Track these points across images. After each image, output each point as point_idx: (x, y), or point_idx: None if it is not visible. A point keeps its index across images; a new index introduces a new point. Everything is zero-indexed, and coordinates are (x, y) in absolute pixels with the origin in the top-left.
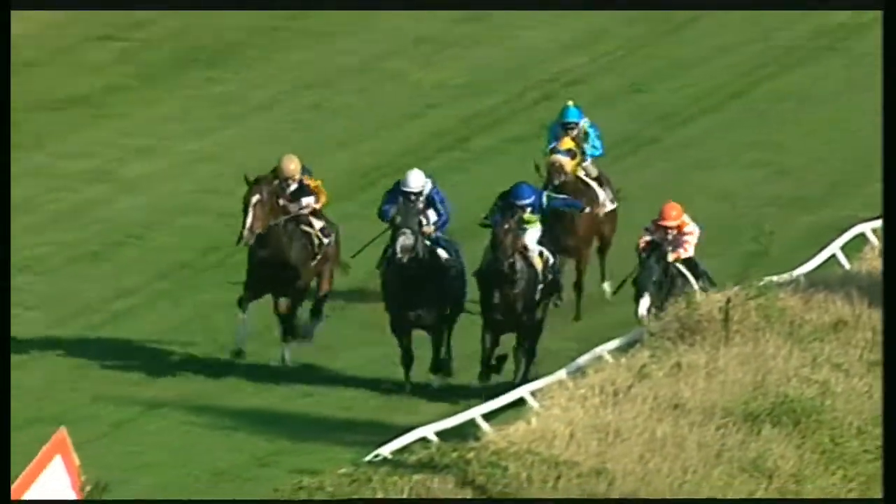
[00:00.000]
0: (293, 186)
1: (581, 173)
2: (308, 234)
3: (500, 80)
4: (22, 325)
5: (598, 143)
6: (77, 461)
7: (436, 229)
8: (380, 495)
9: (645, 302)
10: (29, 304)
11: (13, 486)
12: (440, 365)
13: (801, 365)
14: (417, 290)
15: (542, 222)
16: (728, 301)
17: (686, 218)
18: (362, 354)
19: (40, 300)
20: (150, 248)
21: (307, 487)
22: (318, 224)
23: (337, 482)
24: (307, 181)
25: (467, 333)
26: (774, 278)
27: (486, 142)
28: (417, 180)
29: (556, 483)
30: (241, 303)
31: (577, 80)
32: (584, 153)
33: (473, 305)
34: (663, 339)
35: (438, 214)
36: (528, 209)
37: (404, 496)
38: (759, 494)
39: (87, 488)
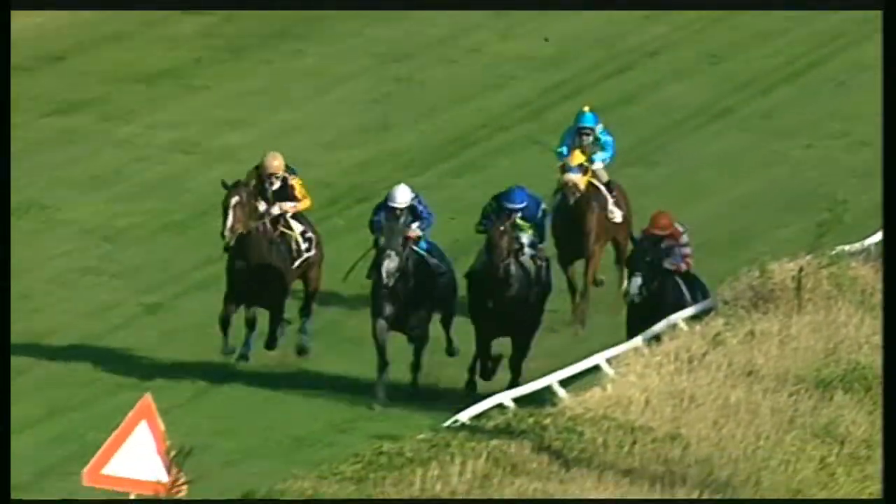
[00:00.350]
0: (276, 185)
1: (593, 179)
2: (287, 238)
3: (580, 50)
4: (108, 292)
5: (608, 151)
6: (162, 426)
7: (422, 232)
8: (458, 460)
9: (637, 280)
10: (115, 272)
11: (100, 451)
12: (417, 367)
13: (873, 333)
14: (406, 299)
15: (533, 229)
16: (801, 270)
17: (678, 226)
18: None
19: (127, 268)
20: None
21: (387, 452)
22: (298, 228)
23: (416, 447)
24: (292, 181)
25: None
26: (847, 247)
27: (564, 113)
28: (404, 196)
29: (632, 448)
30: (223, 323)
31: (657, 51)
32: (591, 160)
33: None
34: (737, 308)
35: (422, 219)
36: (520, 213)
37: (482, 461)
38: (830, 460)
39: (172, 453)
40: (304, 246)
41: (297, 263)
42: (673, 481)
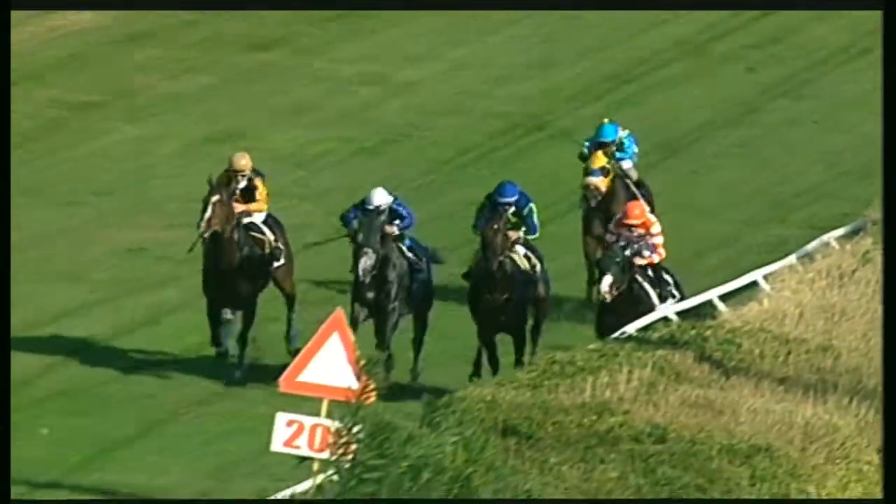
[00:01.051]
0: (242, 183)
1: (621, 176)
2: (260, 242)
3: None
4: (300, 215)
5: (631, 151)
6: (352, 337)
7: (400, 231)
8: (626, 368)
9: (607, 279)
10: (306, 195)
11: (295, 361)
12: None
13: None
14: (380, 283)
15: (522, 223)
16: None
17: (650, 216)
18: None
19: (317, 192)
20: (418, 145)
21: (560, 361)
22: (271, 237)
23: (587, 356)
24: (256, 181)
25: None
26: None
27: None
28: (380, 198)
29: (787, 358)
30: (215, 340)
31: None
32: (617, 158)
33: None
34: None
35: (402, 218)
36: (512, 207)
37: (648, 369)
38: None
39: (361, 362)
40: (279, 247)
41: (271, 267)
42: (825, 389)
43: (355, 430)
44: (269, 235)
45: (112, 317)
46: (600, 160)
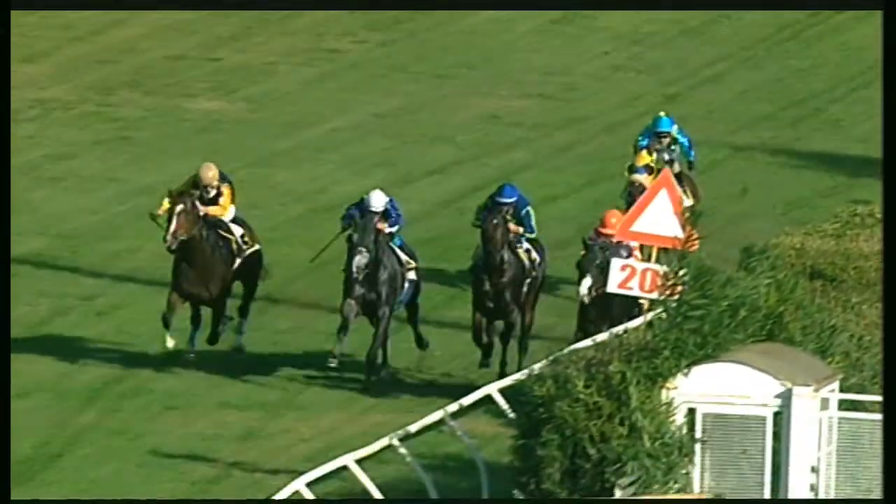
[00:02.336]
0: (212, 193)
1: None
2: (228, 241)
3: None
4: (636, 85)
5: (686, 149)
6: (679, 192)
7: (391, 228)
8: None
9: (587, 282)
10: (641, 69)
11: (629, 213)
12: (372, 353)
13: None
14: (371, 282)
15: (519, 223)
16: None
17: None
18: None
19: (650, 66)
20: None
21: (860, 214)
22: (238, 231)
23: None
24: (223, 188)
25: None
26: None
27: None
28: (379, 200)
29: None
30: (165, 320)
31: None
32: (670, 161)
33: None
34: None
35: (390, 217)
36: (511, 208)
37: None
38: None
39: (686, 214)
40: (244, 245)
41: (236, 264)
42: None
43: (681, 273)
44: (238, 231)
45: (472, 176)
46: (644, 158)
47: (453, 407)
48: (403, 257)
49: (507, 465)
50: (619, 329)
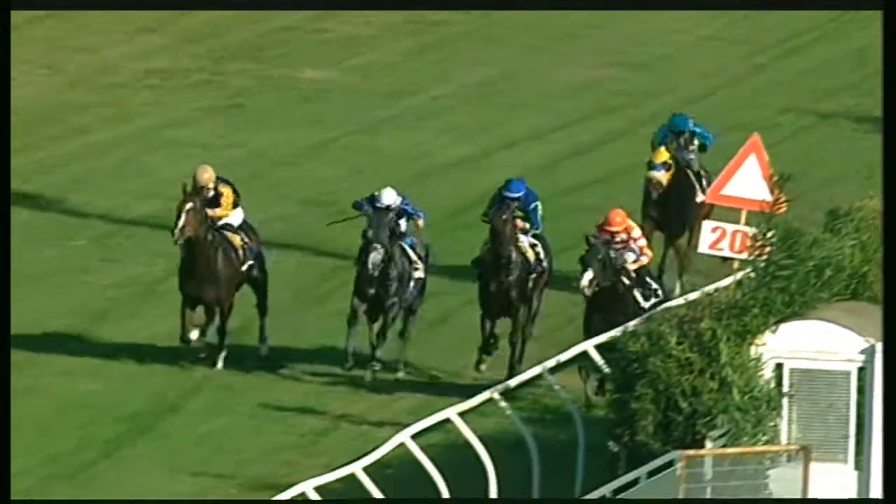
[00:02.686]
0: (210, 194)
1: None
2: (233, 245)
3: None
4: None
5: (707, 139)
6: (766, 157)
7: (420, 220)
8: None
9: (588, 275)
10: None
11: (718, 178)
12: (377, 351)
13: None
14: (382, 279)
15: (526, 218)
16: None
17: (631, 222)
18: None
19: None
20: None
21: None
22: (241, 235)
23: None
24: (221, 189)
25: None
26: None
27: None
28: (389, 197)
29: None
30: (184, 339)
31: None
32: (689, 159)
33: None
34: None
35: (408, 214)
36: (518, 202)
37: None
38: None
39: (774, 178)
40: (251, 247)
41: (244, 267)
42: None
43: (769, 235)
44: (242, 236)
45: (568, 142)
46: (663, 155)
47: (551, 363)
48: (413, 256)
49: (603, 419)
50: (710, 288)
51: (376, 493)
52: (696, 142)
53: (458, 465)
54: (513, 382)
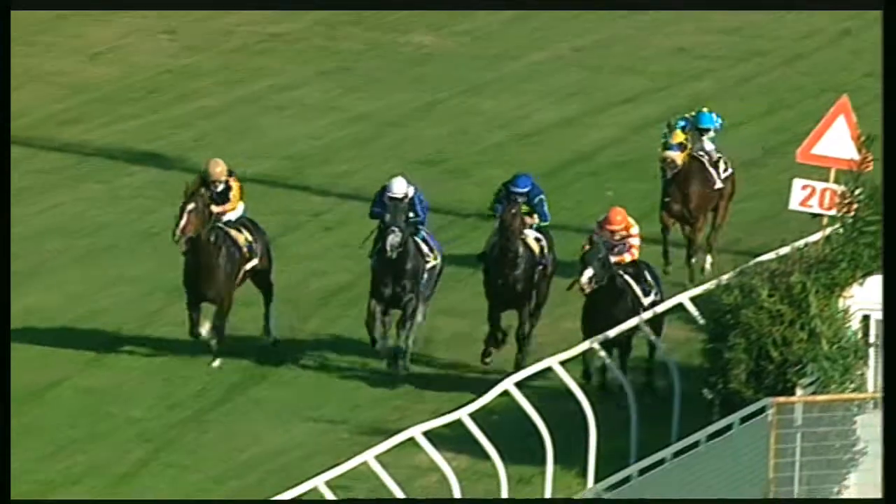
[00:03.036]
0: (220, 188)
1: (699, 154)
2: (236, 243)
3: None
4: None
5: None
6: (854, 119)
7: (419, 225)
8: None
9: (588, 272)
10: None
11: (807, 139)
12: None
13: None
14: (397, 275)
15: (532, 212)
16: None
17: (631, 220)
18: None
19: None
20: None
21: None
22: (245, 233)
23: None
24: (231, 183)
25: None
26: None
27: None
28: (400, 187)
29: None
30: (193, 333)
31: None
32: (708, 150)
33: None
34: None
35: (416, 214)
36: (524, 197)
37: None
38: None
39: (862, 139)
40: (254, 247)
41: (245, 268)
42: None
43: (857, 192)
44: (246, 234)
45: (661, 105)
46: (679, 136)
47: (647, 315)
48: (425, 249)
49: (698, 367)
50: (800, 243)
51: (482, 439)
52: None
53: (560, 412)
54: (612, 333)
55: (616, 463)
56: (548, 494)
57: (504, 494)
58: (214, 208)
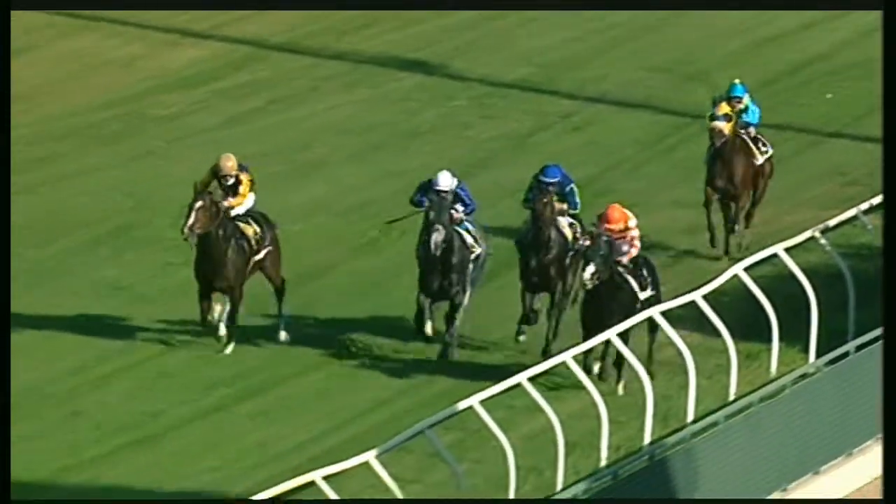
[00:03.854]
0: (230, 181)
1: (741, 132)
2: (245, 235)
3: None
4: None
5: (753, 118)
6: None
7: (465, 216)
8: None
9: (590, 269)
10: None
11: None
12: (449, 335)
13: None
14: (444, 269)
15: (563, 201)
16: None
17: (628, 213)
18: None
19: None
20: None
21: None
22: (254, 226)
23: None
24: (241, 177)
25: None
26: None
27: None
28: (446, 181)
29: None
30: (204, 322)
31: None
32: (740, 118)
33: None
34: None
35: (465, 205)
36: (555, 186)
37: None
38: None
39: None
40: (264, 240)
41: (252, 261)
42: None
43: None
44: (255, 226)
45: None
46: (724, 108)
47: (833, 221)
48: (469, 240)
49: None
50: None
51: (714, 318)
52: (745, 114)
53: (786, 294)
54: (832, 222)
55: (835, 340)
56: (773, 369)
57: (734, 369)
58: (224, 203)
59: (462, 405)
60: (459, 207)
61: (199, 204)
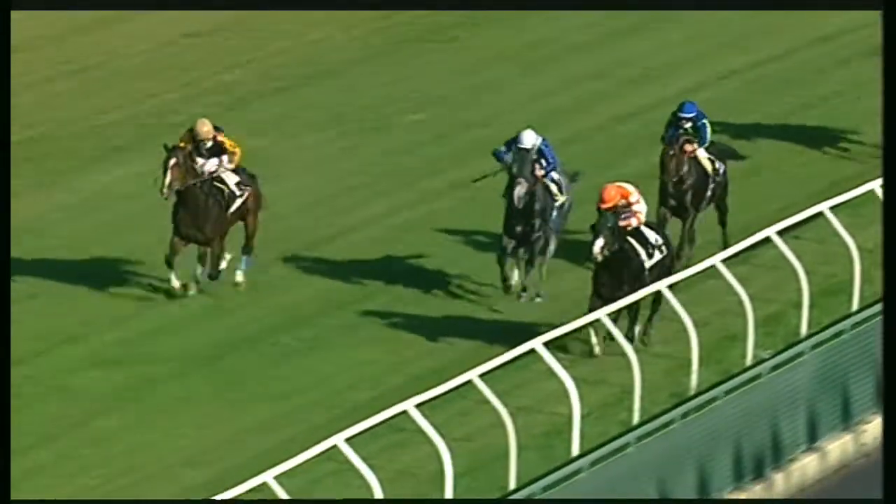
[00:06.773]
0: (209, 145)
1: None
2: (222, 191)
3: None
4: None
5: (705, 132)
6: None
7: (545, 175)
8: None
9: (599, 242)
10: None
11: None
12: (528, 279)
13: None
14: (527, 217)
15: (696, 134)
16: None
17: (628, 188)
18: None
19: None
20: None
21: None
22: (232, 179)
23: None
24: (220, 139)
25: None
26: None
27: None
28: (529, 138)
29: None
30: (168, 261)
31: None
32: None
33: None
34: None
35: (548, 162)
36: (690, 122)
37: None
38: None
39: None
40: (237, 193)
41: (231, 210)
42: None
43: None
44: (234, 178)
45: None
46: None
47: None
48: (553, 189)
49: None
50: None
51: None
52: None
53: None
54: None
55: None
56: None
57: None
58: (201, 161)
59: (508, 357)
60: (542, 163)
61: (172, 161)
